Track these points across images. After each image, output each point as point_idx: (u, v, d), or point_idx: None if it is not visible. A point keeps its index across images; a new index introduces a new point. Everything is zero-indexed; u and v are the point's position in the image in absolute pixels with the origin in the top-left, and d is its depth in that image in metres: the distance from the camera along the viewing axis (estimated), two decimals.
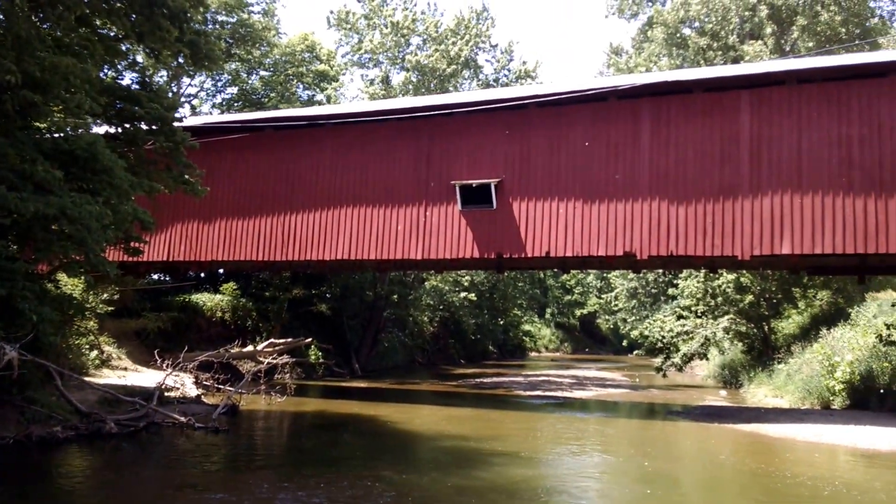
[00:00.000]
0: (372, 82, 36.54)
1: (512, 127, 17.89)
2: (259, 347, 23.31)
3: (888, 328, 18.02)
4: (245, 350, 22.99)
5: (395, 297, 33.74)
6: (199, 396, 17.55)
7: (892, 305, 19.02)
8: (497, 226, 17.69)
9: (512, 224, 17.54)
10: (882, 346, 17.84)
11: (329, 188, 19.37)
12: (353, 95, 40.18)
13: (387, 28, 36.39)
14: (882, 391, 17.28)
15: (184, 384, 17.07)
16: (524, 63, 37.77)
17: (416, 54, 35.44)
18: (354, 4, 38.19)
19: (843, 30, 30.62)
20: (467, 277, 38.74)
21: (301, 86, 36.19)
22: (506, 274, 38.21)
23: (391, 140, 19.02)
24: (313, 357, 27.05)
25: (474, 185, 17.81)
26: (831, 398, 18.56)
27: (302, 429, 16.03)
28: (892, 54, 16.26)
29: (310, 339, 26.46)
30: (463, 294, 37.98)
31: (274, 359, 20.37)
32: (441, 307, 37.21)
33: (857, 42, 29.40)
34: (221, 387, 18.34)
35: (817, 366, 19.57)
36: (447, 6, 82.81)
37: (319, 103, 35.17)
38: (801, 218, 15.41)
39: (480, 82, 37.26)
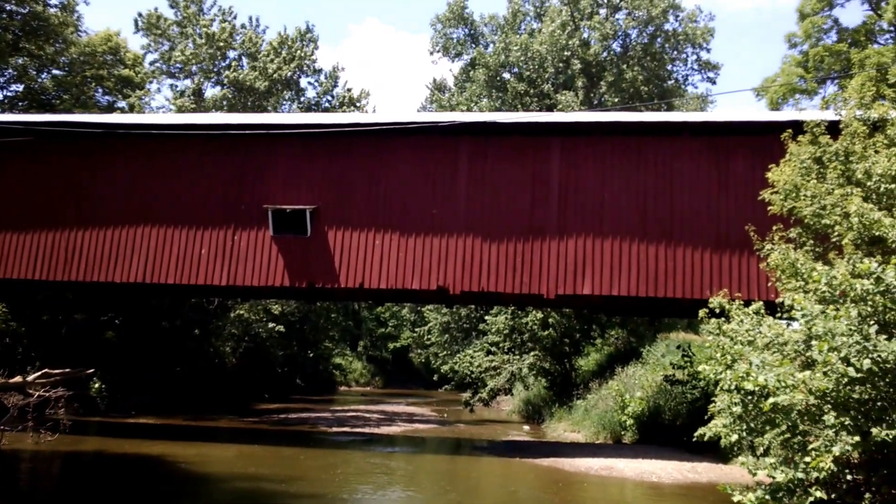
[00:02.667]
0: (182, 94, 34.39)
1: (332, 154, 17.42)
2: (30, 378, 20.49)
3: (673, 367, 19.49)
4: (12, 381, 20.07)
5: (197, 330, 31.45)
6: None
7: (678, 347, 20.63)
8: (310, 254, 17.03)
9: (326, 253, 16.96)
10: (668, 385, 19.22)
11: (125, 203, 17.70)
12: (160, 106, 37.66)
13: (202, 38, 34.51)
14: (666, 426, 18.55)
15: None
16: (349, 90, 37.49)
17: (233, 69, 33.86)
18: (167, 9, 35.78)
19: (645, 88, 33.68)
20: (277, 307, 37.18)
21: (100, 90, 33.16)
22: (318, 304, 37.20)
23: (200, 157, 17.81)
24: (96, 390, 24.33)
25: (288, 211, 17.07)
26: (622, 433, 19.65)
27: (76, 471, 14.50)
28: (686, 116, 17.90)
29: (92, 370, 23.75)
30: (271, 325, 36.32)
31: (47, 391, 17.97)
32: (246, 338, 35.25)
33: (656, 101, 32.40)
34: None
35: (611, 402, 20.70)
36: (270, 22, 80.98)
37: (121, 111, 32.41)
38: (602, 261, 16.28)
39: (301, 105, 36.41)
